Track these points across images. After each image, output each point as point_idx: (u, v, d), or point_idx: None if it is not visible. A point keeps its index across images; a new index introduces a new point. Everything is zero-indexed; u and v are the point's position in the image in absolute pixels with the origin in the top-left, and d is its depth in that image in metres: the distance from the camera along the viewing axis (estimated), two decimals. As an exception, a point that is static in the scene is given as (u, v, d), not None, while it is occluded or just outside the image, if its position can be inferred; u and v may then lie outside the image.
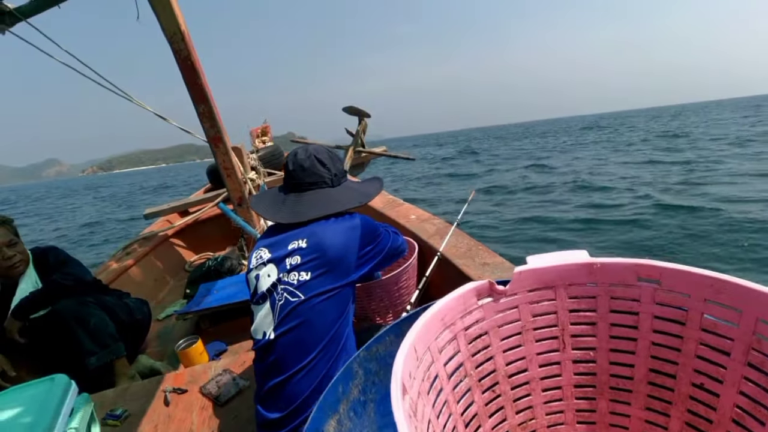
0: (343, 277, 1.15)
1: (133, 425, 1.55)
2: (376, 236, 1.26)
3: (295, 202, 1.26)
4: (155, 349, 2.37)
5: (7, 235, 1.94)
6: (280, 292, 1.15)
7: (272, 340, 1.12)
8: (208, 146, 2.78)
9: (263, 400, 1.14)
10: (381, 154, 3.01)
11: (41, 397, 1.08)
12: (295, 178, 1.29)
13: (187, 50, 2.51)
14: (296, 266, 1.15)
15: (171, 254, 3.56)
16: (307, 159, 1.28)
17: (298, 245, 1.17)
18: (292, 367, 1.09)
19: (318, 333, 1.10)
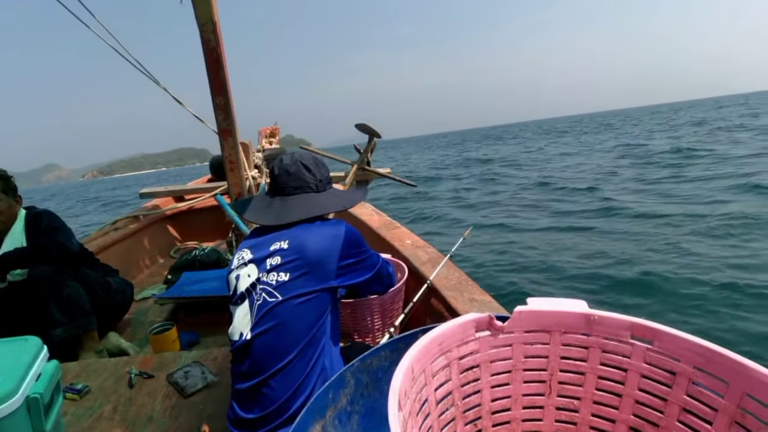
0: (322, 281, 1.15)
1: (92, 402, 1.52)
2: (360, 251, 1.27)
3: (281, 206, 1.28)
4: (126, 329, 2.33)
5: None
6: (258, 292, 1.15)
7: (249, 340, 1.12)
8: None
9: (239, 399, 1.13)
10: (385, 176, 3.05)
11: (12, 355, 1.07)
12: (280, 182, 1.31)
13: (215, 41, 2.55)
14: (276, 266, 1.15)
15: (158, 237, 3.53)
16: (293, 164, 1.31)
17: (280, 246, 1.18)
18: (268, 369, 1.09)
19: (295, 336, 1.10)
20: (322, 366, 1.13)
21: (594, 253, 5.54)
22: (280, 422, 1.06)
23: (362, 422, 0.69)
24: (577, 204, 8.80)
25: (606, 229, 6.63)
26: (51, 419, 1.05)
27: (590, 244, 6.03)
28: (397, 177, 2.95)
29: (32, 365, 1.06)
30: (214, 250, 2.94)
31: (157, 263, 3.39)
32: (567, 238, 6.57)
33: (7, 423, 0.93)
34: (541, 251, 6.00)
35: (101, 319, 2.07)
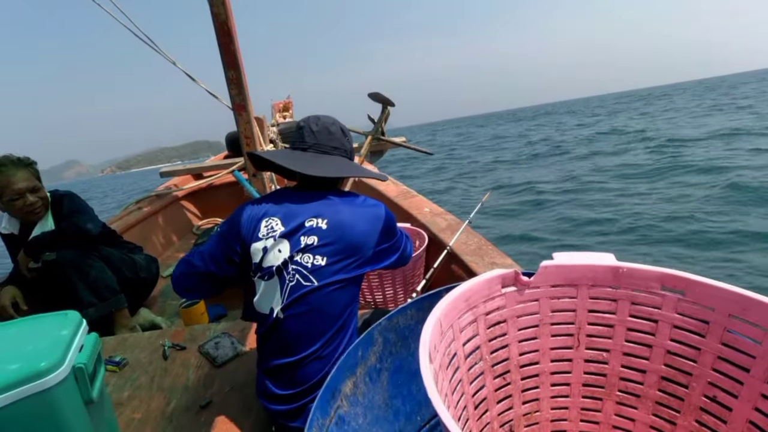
0: (358, 267, 1.11)
1: (131, 373, 1.58)
2: (394, 234, 1.21)
3: (317, 159, 1.18)
4: (156, 304, 2.40)
5: (31, 179, 1.96)
6: (291, 272, 1.09)
7: (280, 319, 1.09)
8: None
9: (270, 375, 1.14)
10: (400, 145, 3.02)
11: (55, 328, 1.10)
12: (318, 138, 1.19)
13: (225, 14, 2.51)
14: (312, 247, 1.08)
15: (181, 215, 3.59)
16: (333, 124, 1.22)
17: (317, 224, 1.10)
18: (301, 351, 1.08)
19: (328, 320, 1.10)
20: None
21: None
22: (312, 397, 1.08)
23: (392, 378, 0.70)
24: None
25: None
26: (96, 388, 1.09)
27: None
28: (411, 145, 2.93)
29: (74, 337, 1.09)
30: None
31: (180, 240, 3.46)
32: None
33: (58, 391, 0.96)
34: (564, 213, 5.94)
35: (130, 296, 2.12)
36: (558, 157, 12.18)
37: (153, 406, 1.39)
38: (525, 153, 14.49)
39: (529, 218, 6.17)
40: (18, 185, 1.90)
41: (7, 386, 0.90)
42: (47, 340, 1.04)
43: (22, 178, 1.93)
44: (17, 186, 1.90)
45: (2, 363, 0.96)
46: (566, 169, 10.13)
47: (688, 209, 5.45)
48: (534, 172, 10.28)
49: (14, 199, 1.91)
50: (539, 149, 14.74)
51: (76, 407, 1.03)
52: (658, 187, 6.99)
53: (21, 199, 1.92)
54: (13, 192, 1.90)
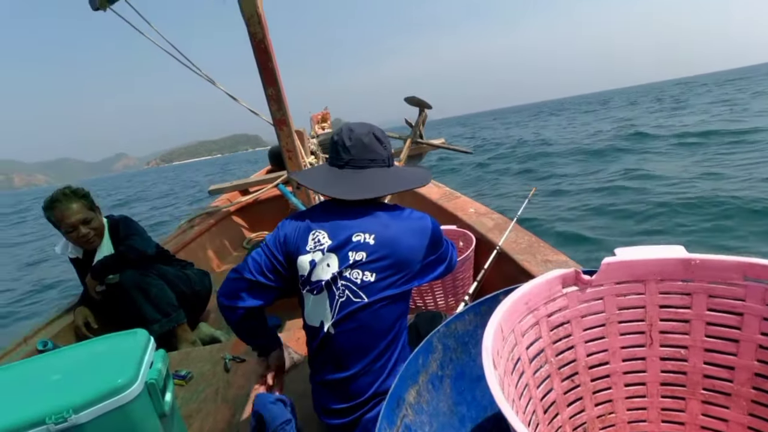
0: (406, 282, 1.10)
1: (197, 386, 1.64)
2: (440, 245, 1.19)
3: (354, 178, 1.15)
4: (214, 318, 2.49)
5: (83, 211, 2.06)
6: (340, 287, 1.08)
7: (331, 334, 1.09)
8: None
9: (324, 389, 1.15)
10: (439, 146, 3.00)
11: (127, 346, 1.15)
12: (352, 153, 1.16)
13: (262, 33, 2.59)
14: (360, 263, 1.07)
15: (231, 230, 3.71)
16: (366, 135, 1.18)
17: (364, 239, 1.08)
18: (352, 367, 1.09)
19: (378, 336, 1.09)
20: (404, 359, 1.13)
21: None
22: (366, 409, 1.08)
23: (454, 385, 0.69)
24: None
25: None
26: (167, 402, 1.14)
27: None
28: (452, 146, 2.90)
29: (145, 354, 1.15)
30: (283, 237, 3.05)
31: (232, 255, 3.57)
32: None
33: (134, 406, 1.02)
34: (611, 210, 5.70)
35: (188, 311, 2.21)
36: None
37: (219, 417, 1.44)
38: (582, 142, 13.70)
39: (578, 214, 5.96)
40: (71, 219, 2.01)
41: (90, 402, 0.96)
42: (121, 357, 1.10)
43: (75, 211, 2.03)
44: (70, 220, 2.01)
45: (84, 380, 1.02)
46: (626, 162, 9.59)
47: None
48: (580, 166, 9.89)
49: (69, 232, 2.04)
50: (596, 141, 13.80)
51: (151, 421, 1.08)
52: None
53: (75, 231, 2.04)
54: (67, 225, 2.02)
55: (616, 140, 12.53)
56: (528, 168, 10.62)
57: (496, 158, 13.63)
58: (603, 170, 8.68)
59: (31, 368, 1.12)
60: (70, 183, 2.22)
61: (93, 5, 2.61)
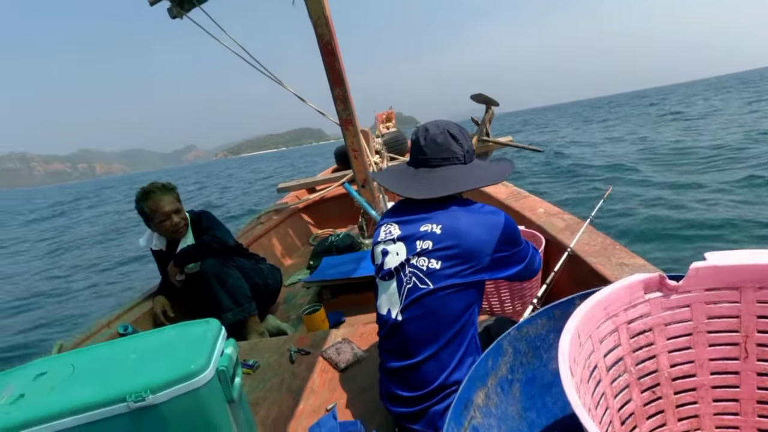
0: (474, 273, 1.11)
1: (263, 375, 1.71)
2: (515, 244, 1.18)
3: (427, 178, 1.21)
4: (281, 311, 2.59)
5: (174, 203, 2.24)
6: (407, 274, 1.14)
7: (399, 322, 1.14)
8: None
9: (391, 377, 1.17)
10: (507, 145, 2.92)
11: (200, 335, 1.23)
12: (426, 153, 1.22)
13: (329, 35, 2.66)
14: (427, 251, 1.11)
15: (298, 227, 3.85)
16: (441, 134, 1.22)
17: (431, 229, 1.13)
18: (419, 354, 1.10)
19: (444, 324, 1.10)
20: (472, 354, 1.12)
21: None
22: (433, 402, 1.08)
23: (524, 390, 0.67)
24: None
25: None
26: (236, 389, 1.20)
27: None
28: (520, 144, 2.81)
29: (216, 342, 1.22)
30: (347, 235, 3.11)
31: (299, 251, 3.70)
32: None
33: (205, 391, 1.08)
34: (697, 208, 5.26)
35: (258, 303, 2.32)
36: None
37: (284, 406, 1.49)
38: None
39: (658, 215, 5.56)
40: (165, 208, 2.19)
41: (166, 384, 1.03)
42: (194, 345, 1.16)
43: (168, 201, 2.21)
44: (164, 209, 2.18)
45: (161, 364, 1.09)
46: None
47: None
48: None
49: (162, 221, 2.20)
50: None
51: (220, 405, 1.14)
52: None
53: (168, 220, 2.20)
54: (161, 214, 2.18)
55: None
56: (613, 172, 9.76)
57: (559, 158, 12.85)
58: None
59: (113, 350, 1.21)
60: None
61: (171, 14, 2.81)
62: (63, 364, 1.15)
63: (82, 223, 17.82)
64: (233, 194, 20.25)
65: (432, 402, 1.09)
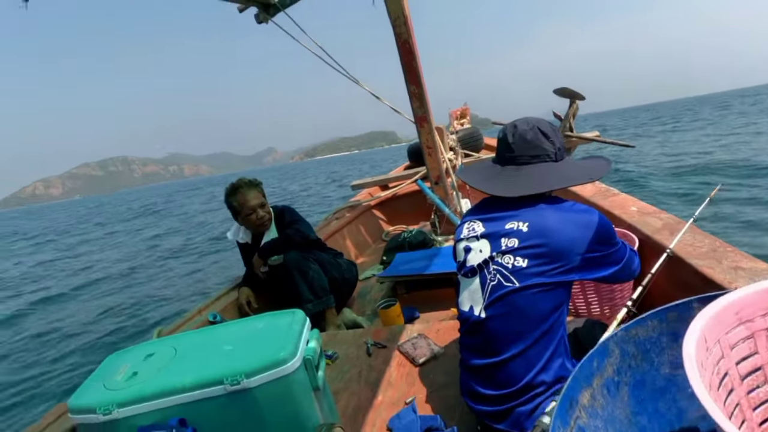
0: (563, 273, 1.06)
1: (341, 366, 1.74)
2: (610, 244, 1.12)
3: (515, 175, 1.18)
4: (356, 305, 2.63)
5: (259, 197, 2.36)
6: (492, 271, 1.12)
7: (482, 319, 1.12)
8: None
9: (473, 374, 1.15)
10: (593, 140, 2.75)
11: (287, 324, 1.27)
12: (514, 150, 1.19)
13: (407, 33, 2.66)
14: (512, 249, 1.08)
15: (371, 223, 3.90)
16: (530, 130, 1.18)
17: (517, 227, 1.10)
18: (504, 352, 1.07)
19: (531, 323, 1.06)
20: (561, 356, 1.08)
21: None
22: (520, 402, 1.05)
23: (633, 393, 0.62)
24: None
25: None
26: (320, 377, 1.23)
27: None
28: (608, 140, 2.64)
29: (302, 332, 1.26)
30: (419, 231, 3.10)
31: (371, 247, 3.75)
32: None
33: (293, 378, 1.12)
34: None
35: (336, 296, 2.37)
36: None
37: (363, 397, 1.51)
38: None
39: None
40: (252, 203, 2.31)
41: (258, 370, 1.07)
42: (282, 334, 1.21)
43: (254, 196, 2.33)
44: (251, 203, 2.31)
45: (253, 351, 1.14)
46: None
47: None
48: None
49: (249, 214, 2.32)
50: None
51: (306, 393, 1.17)
52: None
53: (254, 213, 2.32)
54: (248, 208, 2.31)
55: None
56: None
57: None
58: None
59: (209, 336, 1.30)
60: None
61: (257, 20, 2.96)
62: (167, 347, 1.25)
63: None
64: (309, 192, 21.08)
65: (518, 402, 1.05)
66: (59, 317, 6.51)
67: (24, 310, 7.28)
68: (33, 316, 6.90)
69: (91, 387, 1.14)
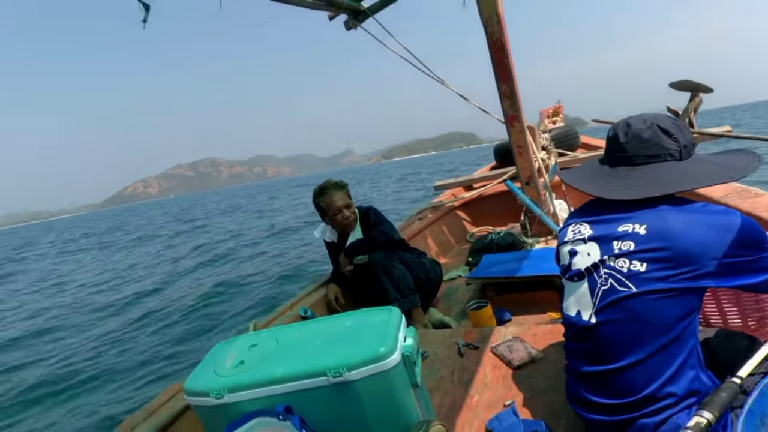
0: (692, 279, 0.98)
1: (432, 365, 1.75)
2: (758, 248, 0.99)
3: (628, 176, 1.11)
4: (441, 305, 2.63)
5: (345, 198, 2.47)
6: (602, 275, 1.07)
7: (592, 325, 1.07)
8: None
9: (583, 381, 1.11)
10: (722, 136, 2.48)
11: (384, 321, 1.30)
12: (627, 150, 1.12)
13: (500, 31, 2.62)
14: (627, 253, 1.03)
15: (455, 224, 3.88)
16: (647, 129, 1.10)
17: (633, 229, 1.04)
18: (620, 359, 1.02)
19: (653, 330, 1.00)
20: (694, 368, 1.01)
21: None
22: (643, 413, 0.99)
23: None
24: None
25: None
26: (417, 374, 1.25)
27: None
28: (743, 135, 2.35)
29: (399, 329, 1.28)
30: (508, 233, 3.03)
31: (454, 248, 3.73)
32: None
33: (393, 373, 1.15)
34: None
35: (421, 296, 2.39)
36: None
37: (457, 397, 1.51)
38: None
39: None
40: (338, 203, 2.43)
41: (360, 363, 1.12)
42: (380, 330, 1.24)
43: (340, 197, 2.45)
44: (337, 204, 2.43)
45: (353, 345, 1.19)
46: None
47: None
48: None
49: (335, 214, 2.44)
50: None
51: (405, 389, 1.19)
52: None
53: (340, 213, 2.44)
54: (334, 209, 2.43)
55: None
56: None
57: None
58: None
59: (307, 330, 1.36)
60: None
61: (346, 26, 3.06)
62: (269, 339, 1.32)
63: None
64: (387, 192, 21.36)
65: (641, 413, 0.99)
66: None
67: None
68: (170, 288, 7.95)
69: (203, 372, 1.24)
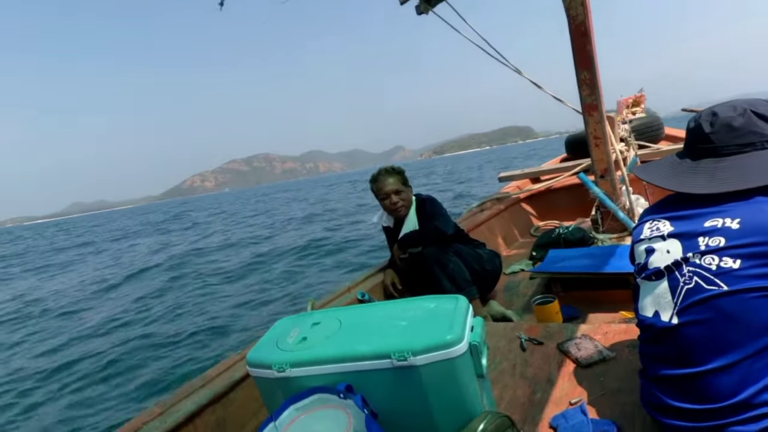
0: None
1: (493, 358, 1.71)
2: None
3: (716, 168, 1.04)
4: (502, 298, 2.57)
5: (396, 184, 2.49)
6: (686, 273, 1.00)
7: (674, 326, 1.01)
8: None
9: (662, 385, 1.05)
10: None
11: (451, 309, 1.27)
12: (714, 140, 1.06)
13: (584, 14, 2.48)
14: (717, 249, 0.97)
15: (520, 216, 3.77)
16: (739, 116, 1.03)
17: (723, 224, 0.98)
18: (706, 362, 0.96)
19: (749, 332, 0.92)
20: None
21: None
22: (737, 420, 0.91)
23: None
24: None
25: None
26: (483, 364, 1.22)
27: None
28: None
29: (467, 318, 1.26)
30: (578, 228, 2.90)
31: (518, 241, 3.62)
32: None
33: (459, 362, 1.13)
34: None
35: (479, 288, 2.35)
36: None
37: (519, 392, 1.47)
38: None
39: None
40: (386, 188, 2.48)
41: (425, 349, 1.10)
42: (448, 317, 1.21)
43: (391, 183, 2.48)
44: (385, 189, 2.48)
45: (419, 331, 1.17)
46: None
47: None
48: None
49: (383, 198, 2.49)
50: None
51: (471, 378, 1.17)
52: None
53: (387, 199, 2.48)
54: (383, 193, 2.49)
55: None
56: None
57: None
58: None
59: (372, 312, 1.36)
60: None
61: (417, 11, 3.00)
62: (331, 318, 1.33)
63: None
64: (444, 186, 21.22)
65: (735, 420, 0.91)
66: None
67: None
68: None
69: (265, 346, 1.27)
